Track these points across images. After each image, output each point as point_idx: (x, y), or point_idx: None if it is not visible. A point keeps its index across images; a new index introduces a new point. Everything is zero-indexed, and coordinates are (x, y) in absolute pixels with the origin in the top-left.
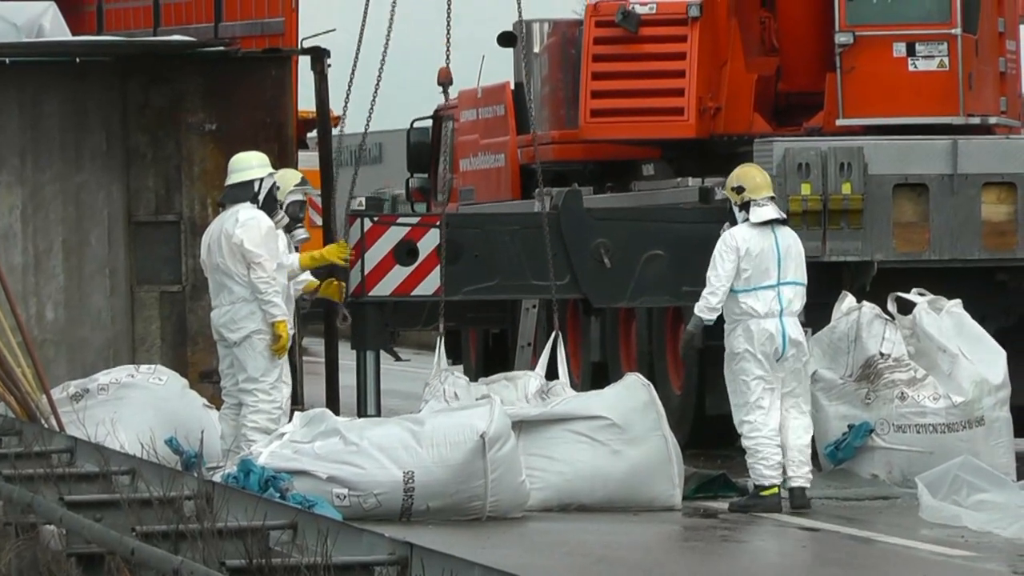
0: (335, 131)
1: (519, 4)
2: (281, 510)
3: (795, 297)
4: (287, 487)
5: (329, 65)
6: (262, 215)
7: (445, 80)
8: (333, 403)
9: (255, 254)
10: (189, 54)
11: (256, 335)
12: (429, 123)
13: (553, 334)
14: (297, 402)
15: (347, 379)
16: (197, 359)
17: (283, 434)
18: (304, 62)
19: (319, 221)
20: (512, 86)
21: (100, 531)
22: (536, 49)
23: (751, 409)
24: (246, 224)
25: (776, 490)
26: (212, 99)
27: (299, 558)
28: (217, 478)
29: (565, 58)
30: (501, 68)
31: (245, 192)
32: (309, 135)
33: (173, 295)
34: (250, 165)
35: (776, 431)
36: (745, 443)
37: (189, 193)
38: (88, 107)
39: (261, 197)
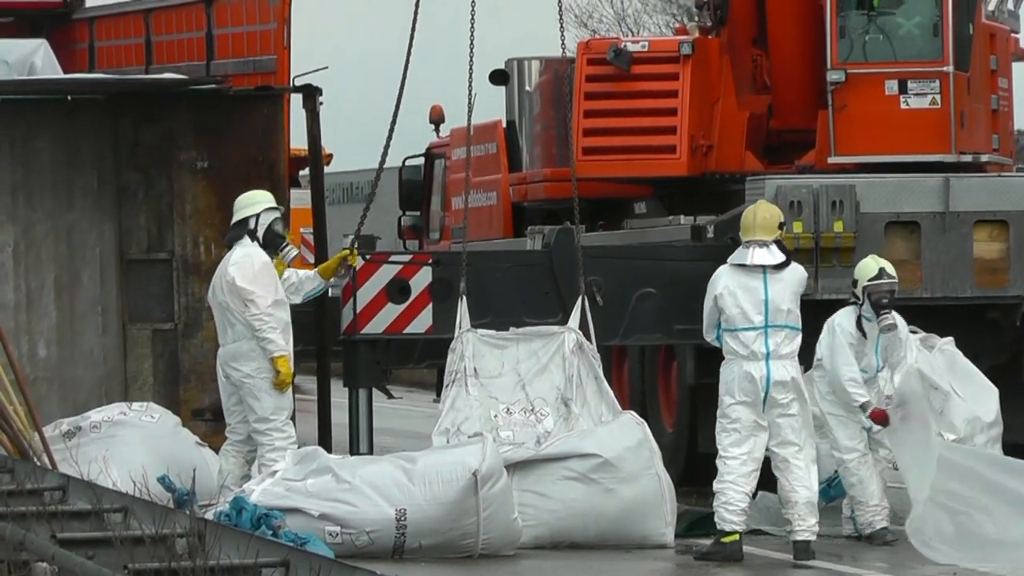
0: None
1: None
2: (273, 548)
3: (784, 341)
4: (279, 525)
5: (321, 103)
6: (256, 252)
7: (437, 118)
8: (325, 441)
9: (248, 291)
10: (181, 92)
11: (259, 374)
12: (421, 161)
13: (580, 297)
14: None
15: (339, 417)
16: (189, 397)
17: (275, 472)
18: (296, 100)
19: (311, 259)
20: (504, 124)
21: (92, 569)
22: (528, 87)
23: (723, 451)
24: (238, 262)
25: (737, 536)
26: (204, 137)
27: None
28: (209, 516)
29: (557, 96)
30: (493, 106)
31: (240, 230)
32: (301, 173)
33: (165, 333)
34: (246, 204)
35: (748, 476)
36: (714, 485)
37: (181, 231)
38: (80, 145)
39: (260, 233)
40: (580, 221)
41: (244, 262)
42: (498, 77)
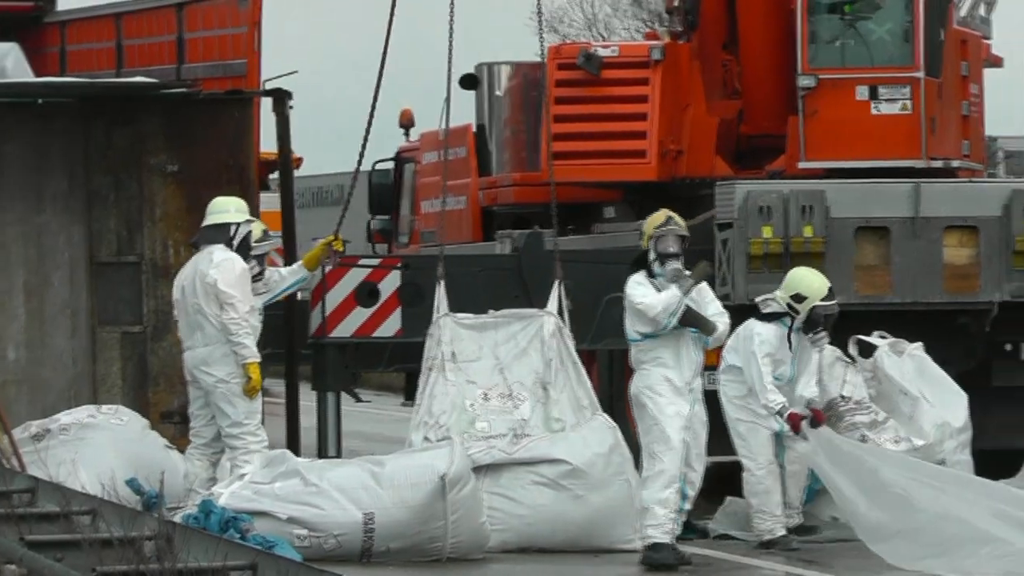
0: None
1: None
2: (241, 551)
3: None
4: (247, 528)
5: (291, 107)
6: (237, 257)
7: (407, 122)
8: (294, 444)
9: (228, 295)
10: (151, 95)
11: (232, 378)
12: (391, 165)
13: (556, 282)
14: None
15: (308, 420)
16: (158, 400)
17: (244, 475)
18: (266, 104)
19: (280, 262)
20: (474, 128)
21: (61, 571)
22: (498, 91)
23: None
24: (221, 265)
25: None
26: (174, 140)
27: None
28: (178, 518)
29: (527, 100)
30: (463, 110)
31: (221, 234)
32: (271, 176)
33: (134, 336)
34: (227, 209)
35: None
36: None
37: (151, 234)
38: (50, 148)
39: (236, 242)
40: (548, 225)
41: (226, 266)
42: (468, 81)
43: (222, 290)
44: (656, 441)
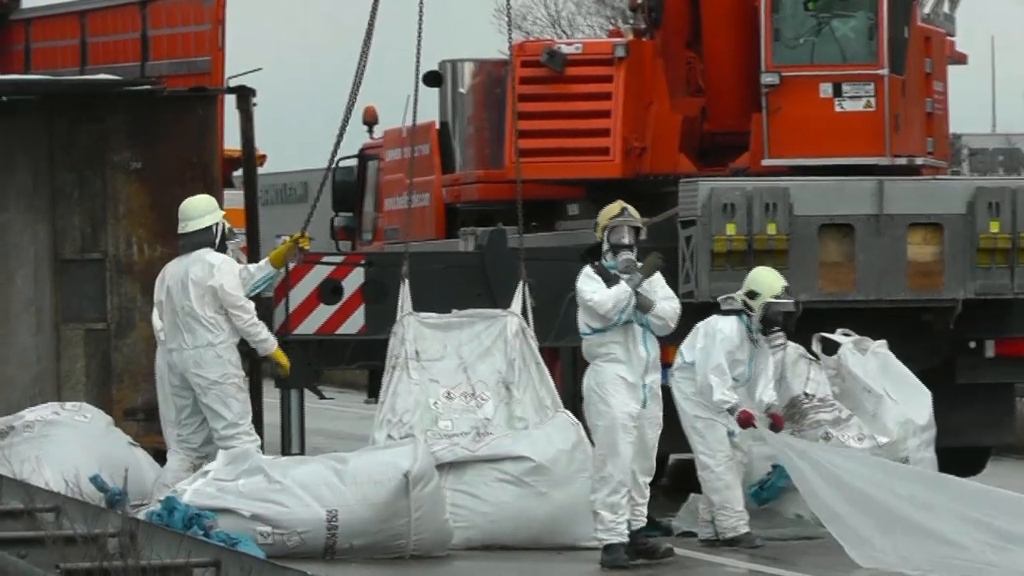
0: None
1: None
2: (205, 548)
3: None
4: (211, 525)
5: (255, 104)
6: (229, 258)
7: (370, 119)
8: None
9: (236, 297)
10: (115, 93)
11: (227, 379)
12: (354, 162)
13: (521, 282)
14: None
15: (271, 417)
16: (122, 396)
17: (207, 472)
18: (230, 101)
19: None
20: (437, 125)
21: (24, 568)
22: (462, 89)
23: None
24: (222, 268)
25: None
26: (138, 138)
27: None
28: (141, 515)
29: (490, 98)
30: (427, 108)
31: (206, 237)
32: (235, 174)
33: (98, 333)
34: (203, 211)
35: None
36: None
37: (115, 231)
38: (14, 146)
39: (218, 239)
40: (512, 223)
41: (226, 268)
42: (432, 79)
43: (229, 293)
44: (603, 446)
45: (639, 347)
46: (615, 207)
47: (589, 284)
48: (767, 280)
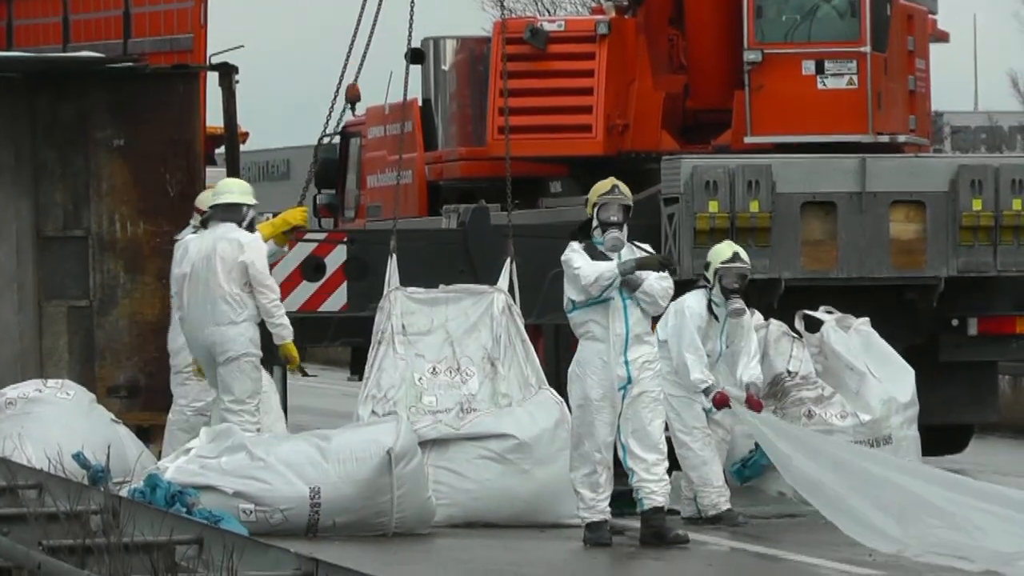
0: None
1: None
2: (187, 525)
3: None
4: (194, 502)
5: (237, 81)
6: (258, 237)
7: (353, 97)
8: None
9: (265, 275)
10: (98, 70)
11: (244, 357)
12: (337, 139)
13: (508, 259)
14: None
15: None
16: (105, 374)
17: (190, 449)
18: (212, 78)
19: None
20: (420, 103)
21: (7, 545)
22: (444, 66)
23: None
24: (252, 245)
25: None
26: (121, 115)
27: (205, 573)
28: (124, 493)
29: (473, 75)
30: (409, 85)
31: (235, 214)
32: (217, 151)
33: (81, 310)
34: (239, 190)
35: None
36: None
37: (97, 208)
38: None
39: (245, 224)
40: (494, 200)
41: (257, 246)
42: (414, 56)
43: (259, 271)
44: (579, 424)
45: (616, 324)
46: (606, 184)
47: (576, 257)
48: (717, 249)
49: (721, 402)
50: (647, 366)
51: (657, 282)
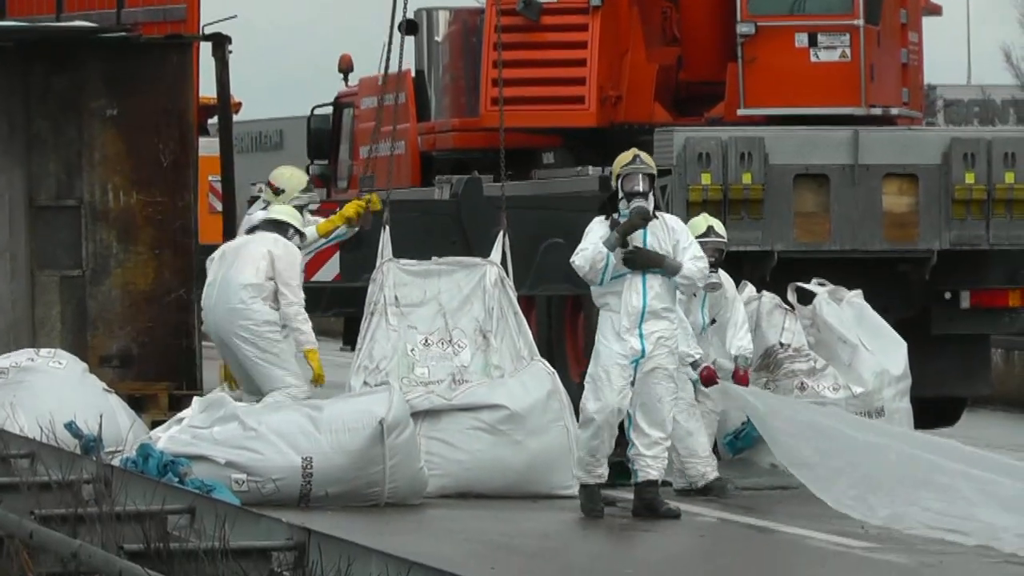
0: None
1: None
2: (179, 495)
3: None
4: (186, 472)
5: (230, 51)
6: (293, 245)
7: (346, 67)
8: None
9: (291, 275)
10: (91, 40)
11: (263, 327)
12: (330, 110)
13: (501, 232)
14: (196, 387)
15: None
16: (97, 343)
17: (182, 419)
18: (206, 48)
19: (219, 207)
20: (413, 73)
21: None
22: (438, 37)
23: None
24: (285, 247)
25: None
26: (114, 85)
27: (197, 543)
28: (116, 462)
29: (466, 46)
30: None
31: (280, 229)
32: (210, 121)
33: (73, 280)
34: (283, 212)
35: None
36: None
37: (90, 178)
38: None
39: (290, 234)
40: (487, 171)
41: (290, 251)
42: (407, 27)
43: (283, 271)
44: (591, 390)
45: (633, 297)
46: (628, 155)
47: (583, 241)
48: (692, 223)
49: (708, 379)
50: (663, 342)
51: (694, 263)
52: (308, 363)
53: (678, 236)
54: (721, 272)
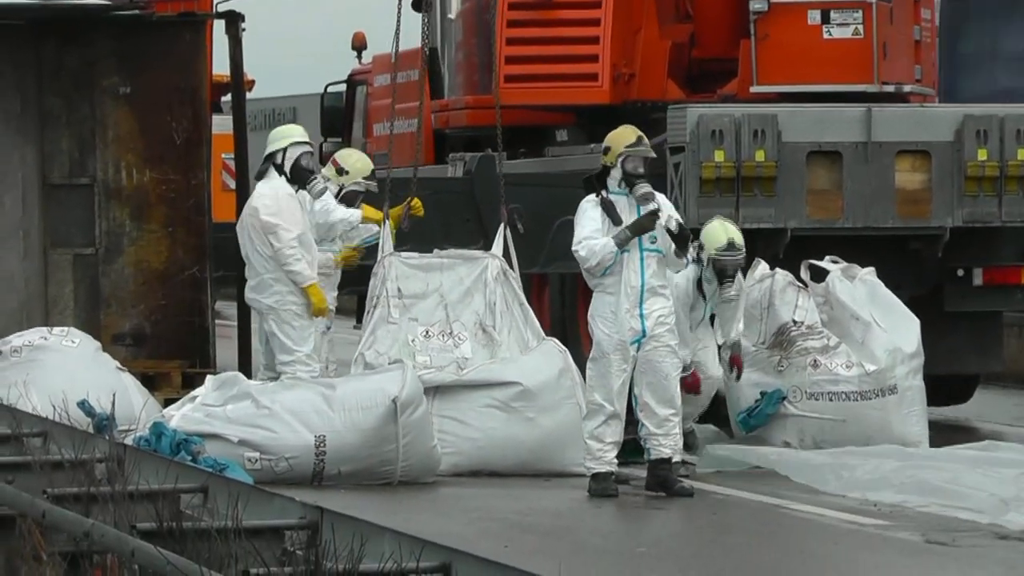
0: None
1: None
2: (192, 473)
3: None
4: (199, 450)
5: (244, 29)
6: (281, 184)
7: (359, 45)
8: (245, 367)
9: (271, 224)
10: (104, 17)
11: (282, 306)
12: (343, 88)
13: (501, 224)
14: (209, 365)
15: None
16: (110, 322)
17: (195, 397)
18: (219, 26)
19: (232, 184)
20: (426, 51)
21: (11, 493)
22: (451, 14)
23: None
24: (263, 194)
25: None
26: (127, 63)
27: (210, 521)
28: (129, 441)
29: (480, 23)
30: (414, 33)
31: (267, 164)
32: (223, 99)
33: (86, 258)
34: (275, 138)
35: None
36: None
37: (103, 156)
38: (2, 70)
39: (288, 167)
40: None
41: (268, 194)
42: (419, 4)
43: (264, 220)
44: (594, 376)
45: (632, 276)
46: (630, 134)
47: (582, 227)
48: (713, 234)
49: (692, 386)
50: (663, 320)
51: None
52: (309, 296)
53: (668, 212)
54: (739, 276)
